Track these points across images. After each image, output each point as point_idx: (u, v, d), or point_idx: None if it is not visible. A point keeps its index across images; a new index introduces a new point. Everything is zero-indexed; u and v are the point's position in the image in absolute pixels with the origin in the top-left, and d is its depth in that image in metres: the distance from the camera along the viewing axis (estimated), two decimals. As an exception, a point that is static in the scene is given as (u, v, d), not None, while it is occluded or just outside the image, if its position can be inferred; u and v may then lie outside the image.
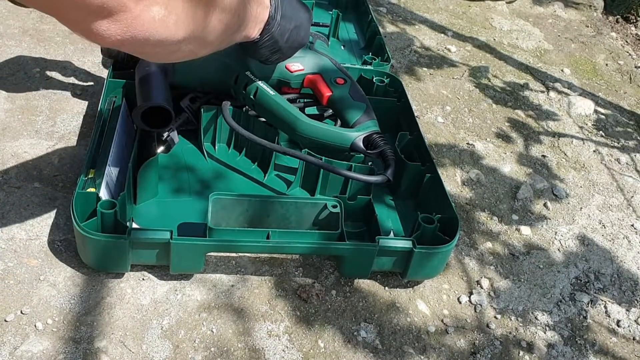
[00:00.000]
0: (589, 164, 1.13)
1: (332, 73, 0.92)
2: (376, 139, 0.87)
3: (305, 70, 0.91)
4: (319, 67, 0.92)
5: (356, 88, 0.92)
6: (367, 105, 0.90)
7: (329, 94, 0.90)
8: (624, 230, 0.99)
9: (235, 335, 0.70)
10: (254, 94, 0.87)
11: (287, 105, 0.87)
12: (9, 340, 0.65)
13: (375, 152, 0.86)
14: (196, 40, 0.53)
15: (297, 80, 0.92)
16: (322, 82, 0.91)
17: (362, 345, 0.73)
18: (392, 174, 0.86)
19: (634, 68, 1.51)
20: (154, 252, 0.71)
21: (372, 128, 0.87)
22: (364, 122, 0.88)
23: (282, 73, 0.90)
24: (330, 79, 0.91)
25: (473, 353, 0.75)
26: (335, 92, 0.90)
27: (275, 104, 0.87)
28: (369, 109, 0.89)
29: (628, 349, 0.80)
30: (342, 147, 0.86)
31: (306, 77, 0.92)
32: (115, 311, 0.70)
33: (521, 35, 1.56)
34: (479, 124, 1.18)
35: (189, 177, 0.88)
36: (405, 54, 1.36)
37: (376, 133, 0.87)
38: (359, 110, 0.89)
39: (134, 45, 0.46)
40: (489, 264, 0.87)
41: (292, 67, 0.90)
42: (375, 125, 0.88)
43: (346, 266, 0.77)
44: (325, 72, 0.92)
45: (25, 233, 0.77)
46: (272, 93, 0.87)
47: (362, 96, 0.91)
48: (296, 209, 0.79)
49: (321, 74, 0.92)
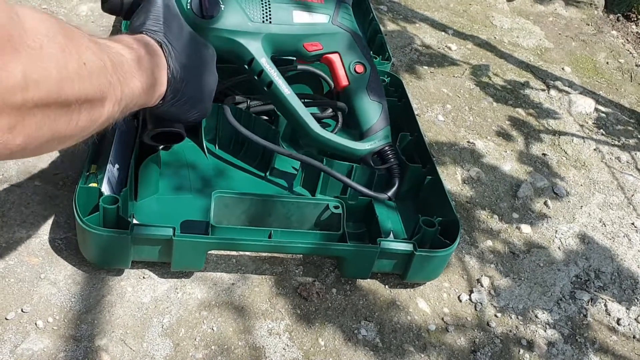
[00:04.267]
0: (589, 162, 1.13)
1: (351, 56, 0.86)
2: (386, 152, 0.86)
3: (324, 49, 0.86)
4: (339, 46, 0.86)
5: (375, 79, 0.87)
6: (382, 106, 0.87)
7: (346, 84, 0.86)
8: (625, 228, 0.99)
9: (235, 334, 0.71)
10: (268, 86, 0.83)
11: (300, 109, 0.84)
12: (10, 338, 0.65)
13: (383, 167, 0.86)
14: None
15: (314, 58, 0.88)
16: (340, 66, 0.86)
17: (363, 343, 0.73)
18: (394, 194, 0.86)
19: (635, 66, 1.51)
20: (156, 249, 0.71)
21: (384, 141, 0.86)
22: (377, 131, 0.85)
23: (299, 51, 0.86)
24: (349, 64, 0.86)
25: (473, 351, 0.75)
26: (352, 83, 0.86)
27: (288, 104, 0.84)
28: (384, 112, 0.87)
29: (628, 347, 0.80)
30: (351, 159, 0.86)
31: (324, 56, 0.87)
32: (116, 309, 0.70)
33: (522, 34, 1.56)
34: (479, 122, 1.18)
35: (190, 175, 0.88)
36: (406, 52, 1.36)
37: (388, 145, 0.86)
38: (374, 114, 0.86)
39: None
40: (490, 262, 0.87)
41: (309, 47, 0.85)
42: (388, 135, 0.87)
43: (346, 267, 0.77)
44: (345, 53, 0.87)
45: (25, 231, 0.77)
46: (287, 92, 0.83)
47: (379, 91, 0.88)
48: (298, 209, 0.79)
49: (340, 54, 0.87)
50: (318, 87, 1.04)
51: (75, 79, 0.41)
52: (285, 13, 0.81)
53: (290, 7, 0.82)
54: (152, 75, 0.57)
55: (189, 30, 0.69)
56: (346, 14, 0.87)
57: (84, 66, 0.42)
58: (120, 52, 0.52)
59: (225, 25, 0.77)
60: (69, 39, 0.41)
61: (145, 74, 0.56)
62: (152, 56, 0.58)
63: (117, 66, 0.49)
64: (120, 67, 0.50)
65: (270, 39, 0.81)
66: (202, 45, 0.71)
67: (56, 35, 0.39)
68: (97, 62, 0.45)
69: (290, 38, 0.83)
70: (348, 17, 0.87)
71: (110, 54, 0.49)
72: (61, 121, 0.41)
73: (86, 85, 0.42)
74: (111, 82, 0.47)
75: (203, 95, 0.69)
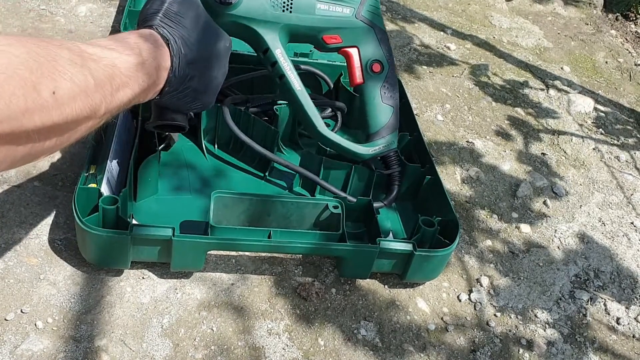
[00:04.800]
0: (588, 161, 1.13)
1: (371, 52, 0.83)
2: (390, 158, 0.86)
3: (343, 43, 0.82)
4: (359, 40, 0.83)
5: (391, 81, 0.85)
6: (394, 110, 0.85)
7: (360, 81, 0.84)
8: (624, 228, 0.99)
9: (235, 334, 0.71)
10: (280, 78, 0.81)
11: (308, 107, 0.82)
12: (9, 339, 0.65)
13: (385, 172, 0.86)
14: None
15: (332, 50, 0.84)
16: (358, 62, 0.83)
17: (362, 343, 0.73)
18: (391, 201, 0.86)
19: (634, 66, 1.51)
20: (155, 249, 0.71)
21: (390, 147, 0.85)
22: (384, 135, 0.84)
23: (317, 42, 0.82)
24: (367, 61, 0.83)
25: (473, 351, 0.75)
26: (367, 81, 0.84)
27: (297, 100, 0.82)
28: (394, 116, 0.85)
29: (627, 347, 0.80)
30: (354, 160, 0.86)
31: (342, 48, 0.83)
32: (116, 310, 0.70)
33: (521, 33, 1.56)
34: (478, 122, 1.18)
35: (189, 175, 0.88)
36: (405, 52, 1.36)
37: (393, 150, 0.86)
38: (384, 117, 0.84)
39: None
40: (489, 262, 0.88)
41: (329, 39, 0.81)
42: (394, 141, 0.86)
43: (346, 267, 0.77)
44: (364, 49, 0.83)
45: (25, 232, 0.77)
46: (297, 87, 0.81)
47: (394, 94, 0.86)
48: (297, 209, 0.79)
49: (360, 49, 0.83)
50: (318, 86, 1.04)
51: (36, 111, 0.40)
52: (308, 3, 0.78)
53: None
54: (151, 78, 0.56)
55: (205, 20, 0.65)
56: (373, 6, 0.83)
57: (52, 96, 0.41)
58: (114, 62, 0.50)
59: (244, 12, 0.74)
60: (36, 69, 0.40)
61: (143, 77, 0.54)
62: (154, 58, 0.56)
63: (105, 82, 0.48)
64: (109, 80, 0.49)
65: (289, 29, 0.78)
66: (218, 37, 0.67)
67: (17, 68, 0.38)
68: (73, 87, 0.43)
69: (309, 29, 0.80)
70: (374, 10, 0.83)
71: (99, 69, 0.47)
72: (20, 148, 0.41)
73: (52, 115, 0.42)
74: (92, 104, 0.46)
75: (208, 89, 0.67)
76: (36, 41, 0.41)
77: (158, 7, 0.61)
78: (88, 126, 0.48)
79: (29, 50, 0.40)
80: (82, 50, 0.46)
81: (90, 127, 0.49)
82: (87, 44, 0.48)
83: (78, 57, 0.45)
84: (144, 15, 0.62)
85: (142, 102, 0.59)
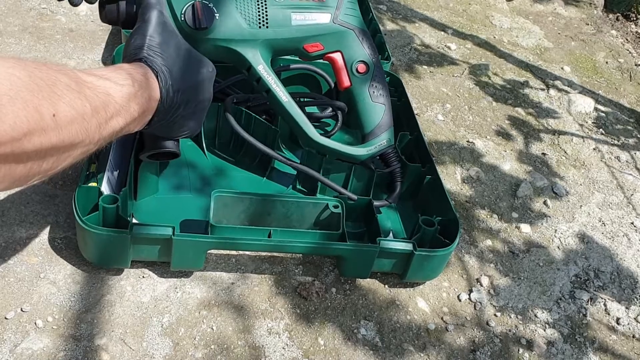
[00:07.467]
0: (589, 161, 1.13)
1: (354, 54, 0.83)
2: (389, 155, 0.85)
3: (325, 49, 0.82)
4: (340, 45, 0.82)
5: (378, 79, 0.85)
6: (385, 108, 0.85)
7: (347, 85, 0.84)
8: (624, 228, 0.99)
9: (235, 333, 0.71)
10: (266, 92, 0.82)
11: (298, 117, 0.82)
12: (9, 337, 0.65)
13: (385, 171, 0.86)
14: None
15: (316, 58, 0.84)
16: (342, 66, 0.83)
17: (362, 342, 0.73)
18: (396, 199, 0.86)
19: (634, 66, 1.51)
20: (155, 248, 0.71)
21: (386, 145, 0.85)
22: (379, 134, 0.84)
23: (300, 52, 0.82)
24: (352, 63, 0.83)
25: (473, 350, 0.75)
26: (354, 84, 0.84)
27: (286, 111, 0.82)
28: (387, 114, 0.85)
29: (627, 347, 0.80)
30: (352, 163, 0.86)
31: (325, 55, 0.83)
32: (116, 309, 0.70)
33: (521, 33, 1.56)
34: (479, 122, 1.18)
35: (189, 174, 0.88)
36: (405, 51, 1.36)
37: (390, 147, 0.86)
38: (376, 116, 0.84)
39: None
40: (489, 261, 0.88)
41: (310, 48, 0.81)
42: (391, 138, 0.85)
43: (346, 266, 0.77)
44: (347, 52, 0.83)
45: (25, 231, 0.77)
46: (284, 99, 0.81)
47: (383, 92, 0.85)
48: (298, 208, 0.79)
49: (343, 53, 0.83)
50: (318, 86, 1.04)
51: (37, 132, 0.41)
52: (283, 16, 0.78)
53: (288, 9, 0.79)
54: (142, 108, 0.57)
55: (186, 48, 0.66)
56: (350, 9, 0.82)
57: (52, 118, 0.42)
58: (108, 91, 0.51)
59: (221, 34, 0.75)
60: (37, 91, 0.40)
61: (135, 107, 0.55)
62: (145, 89, 0.57)
63: (100, 109, 0.49)
64: (103, 108, 0.49)
65: (268, 44, 0.79)
66: (200, 64, 0.67)
67: (20, 90, 0.39)
68: (71, 111, 0.44)
69: (288, 42, 0.80)
70: (352, 12, 0.83)
71: (94, 96, 0.48)
72: (19, 168, 0.42)
73: (51, 137, 0.42)
74: (87, 129, 0.47)
75: (194, 116, 0.68)
76: (36, 64, 0.42)
77: (141, 41, 0.62)
78: (83, 151, 0.49)
79: (29, 73, 0.40)
80: (78, 77, 0.47)
81: (85, 152, 0.50)
82: (83, 72, 0.49)
83: (75, 83, 0.46)
84: (129, 50, 0.63)
85: (131, 132, 0.59)
